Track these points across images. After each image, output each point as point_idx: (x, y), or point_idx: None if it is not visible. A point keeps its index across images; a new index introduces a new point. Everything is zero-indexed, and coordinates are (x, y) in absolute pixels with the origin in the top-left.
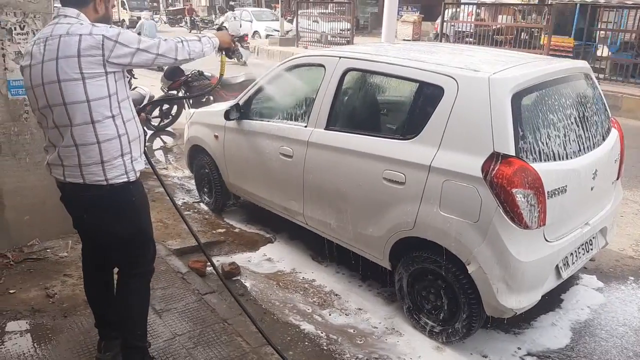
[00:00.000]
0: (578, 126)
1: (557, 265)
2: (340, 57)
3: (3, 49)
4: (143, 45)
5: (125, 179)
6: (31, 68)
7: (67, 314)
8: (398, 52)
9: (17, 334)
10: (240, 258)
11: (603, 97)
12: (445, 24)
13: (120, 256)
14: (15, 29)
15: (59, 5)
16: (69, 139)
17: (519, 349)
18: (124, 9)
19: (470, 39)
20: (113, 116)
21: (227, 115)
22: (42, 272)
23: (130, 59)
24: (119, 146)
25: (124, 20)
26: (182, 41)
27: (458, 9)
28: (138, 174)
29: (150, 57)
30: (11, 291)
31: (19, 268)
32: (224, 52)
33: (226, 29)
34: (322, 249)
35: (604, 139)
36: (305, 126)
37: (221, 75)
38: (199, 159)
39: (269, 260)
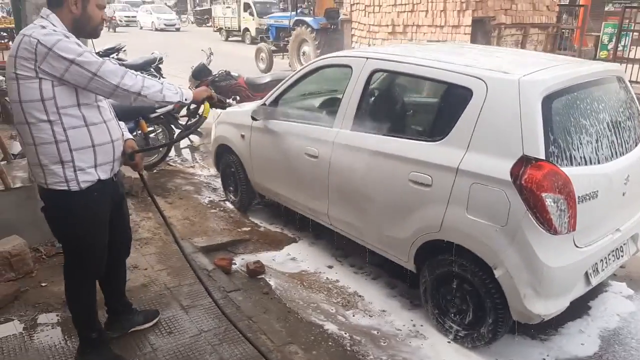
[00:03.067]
0: (610, 130)
1: (586, 272)
2: (367, 58)
3: None
4: (81, 59)
5: (65, 187)
6: None
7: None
8: (426, 53)
9: (49, 326)
10: (265, 257)
11: (636, 100)
12: None
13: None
14: None
15: None
16: (20, 136)
17: (546, 355)
18: (250, 15)
19: None
20: (50, 121)
21: (253, 115)
22: None
23: (62, 72)
24: (56, 152)
25: (247, 29)
26: (141, 75)
27: None
28: (84, 185)
29: (86, 75)
30: (43, 284)
31: (51, 262)
32: (206, 102)
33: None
34: (346, 250)
35: (636, 144)
36: (331, 127)
37: (204, 117)
38: (225, 158)
39: (293, 259)
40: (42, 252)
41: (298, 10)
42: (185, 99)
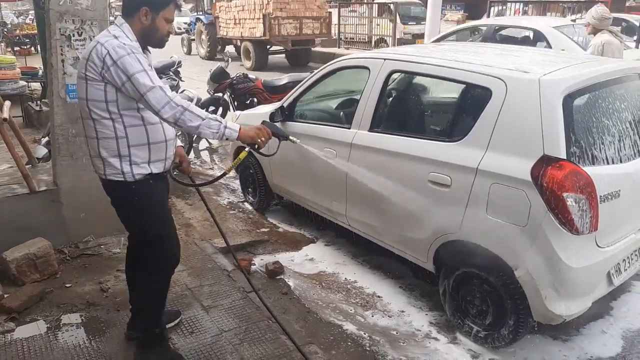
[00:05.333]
0: (633, 129)
1: (608, 272)
2: (385, 59)
3: (62, 55)
4: (135, 78)
5: (121, 178)
6: None
7: (120, 307)
8: (444, 53)
9: (73, 326)
10: (284, 257)
11: None
12: None
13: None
14: (73, 35)
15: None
16: (83, 130)
17: (567, 356)
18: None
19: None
20: (112, 119)
21: (271, 117)
22: (97, 267)
23: (120, 84)
24: (115, 147)
25: (383, 39)
26: (183, 107)
27: (504, 7)
28: (138, 177)
29: (136, 93)
30: (67, 285)
31: (75, 263)
32: (248, 148)
33: None
34: (364, 250)
35: None
36: (349, 128)
37: (224, 173)
38: (243, 159)
39: (311, 260)
40: (67, 253)
41: (200, 11)
42: (226, 138)
